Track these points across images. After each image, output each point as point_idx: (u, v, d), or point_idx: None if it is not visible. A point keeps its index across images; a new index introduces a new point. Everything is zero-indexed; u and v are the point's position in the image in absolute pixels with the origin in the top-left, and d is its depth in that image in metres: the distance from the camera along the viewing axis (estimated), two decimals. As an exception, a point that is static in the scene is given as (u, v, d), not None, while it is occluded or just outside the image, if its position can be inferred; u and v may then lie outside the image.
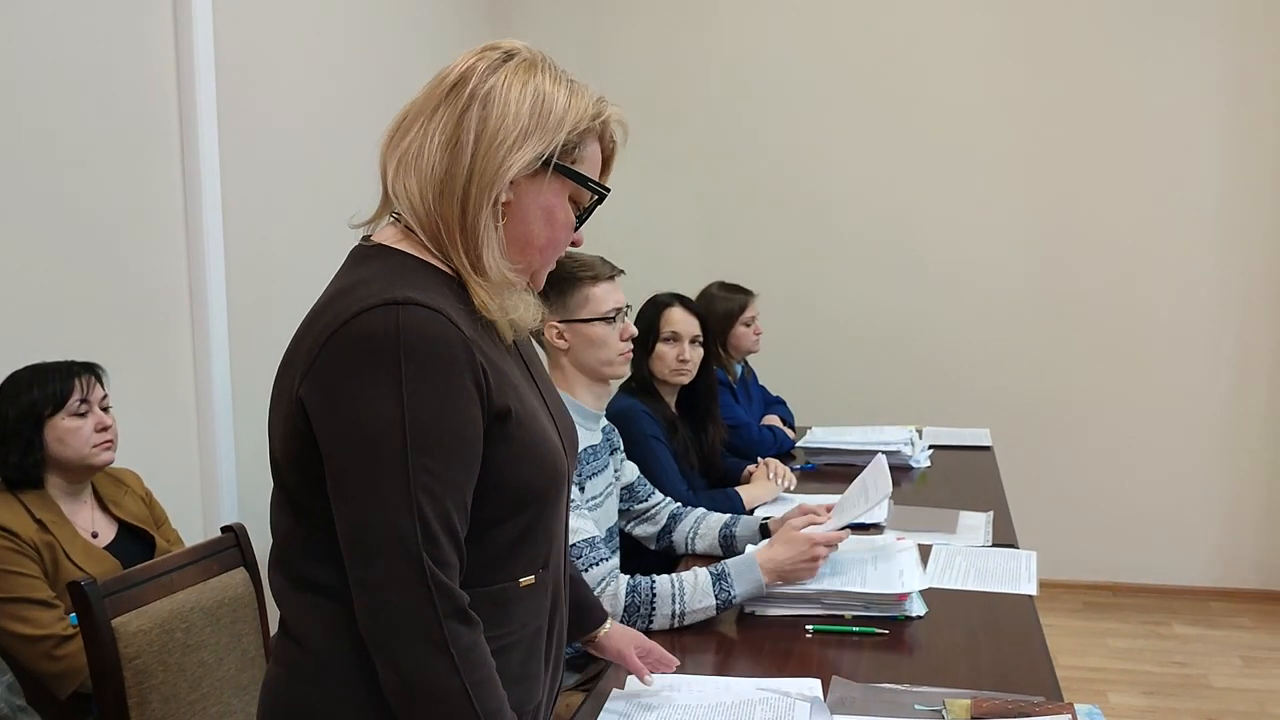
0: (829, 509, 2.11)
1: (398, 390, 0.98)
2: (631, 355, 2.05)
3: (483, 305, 1.07)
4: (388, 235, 1.12)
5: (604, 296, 1.99)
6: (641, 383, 2.66)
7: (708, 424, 2.84)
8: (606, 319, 1.98)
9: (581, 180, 1.13)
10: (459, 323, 1.02)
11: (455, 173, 1.06)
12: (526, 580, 1.13)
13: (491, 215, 1.07)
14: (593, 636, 1.53)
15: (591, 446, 2.02)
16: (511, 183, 1.08)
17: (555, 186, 1.11)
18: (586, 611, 1.52)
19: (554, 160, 1.09)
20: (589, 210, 1.16)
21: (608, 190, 1.16)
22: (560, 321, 1.98)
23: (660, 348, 2.67)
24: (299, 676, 1.10)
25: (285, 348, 3.20)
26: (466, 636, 1.01)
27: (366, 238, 1.15)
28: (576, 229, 1.16)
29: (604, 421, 2.13)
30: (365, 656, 1.03)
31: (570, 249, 1.19)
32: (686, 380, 2.72)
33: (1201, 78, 4.04)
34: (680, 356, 2.66)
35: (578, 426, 1.98)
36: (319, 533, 1.05)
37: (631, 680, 1.56)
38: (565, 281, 1.97)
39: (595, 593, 1.74)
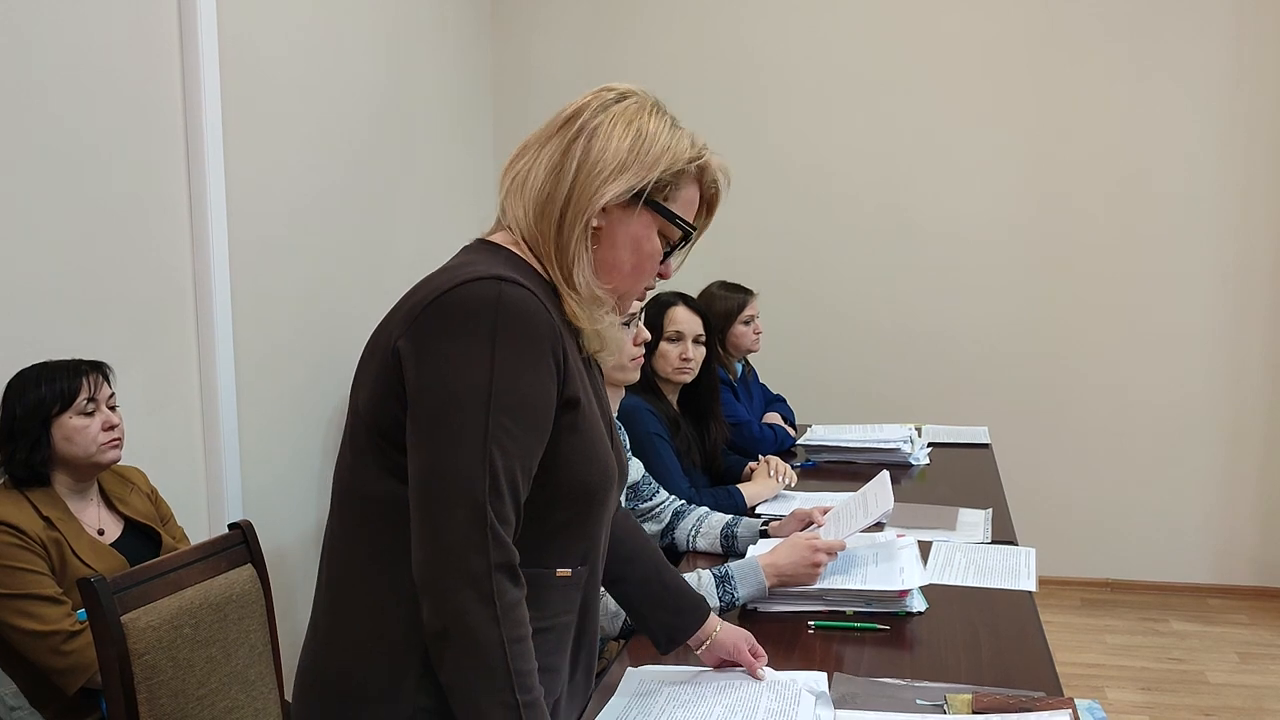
0: (825, 511, 2.13)
1: (489, 352, 1.06)
2: (643, 360, 2.07)
3: (572, 314, 1.17)
4: (500, 237, 1.22)
5: None
6: (644, 381, 2.67)
7: (710, 422, 2.85)
8: (621, 325, 1.99)
9: (670, 216, 1.21)
10: (550, 310, 1.12)
11: (555, 195, 1.17)
12: (563, 571, 1.17)
13: (584, 237, 1.17)
14: (704, 639, 1.51)
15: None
16: (605, 210, 1.18)
17: (645, 219, 1.20)
18: (686, 614, 1.51)
19: (645, 194, 1.18)
20: (677, 246, 1.25)
21: (694, 228, 1.24)
22: None
23: (663, 346, 2.68)
24: (338, 649, 1.14)
25: (289, 346, 3.23)
26: (512, 593, 1.05)
27: (479, 239, 1.24)
28: (664, 262, 1.24)
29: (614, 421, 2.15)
30: (414, 624, 1.07)
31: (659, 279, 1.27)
32: (689, 379, 2.74)
33: (1198, 70, 4.05)
34: (683, 355, 2.68)
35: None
36: (393, 492, 1.09)
37: (642, 669, 1.58)
38: None
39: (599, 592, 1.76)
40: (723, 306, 3.32)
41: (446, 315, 1.08)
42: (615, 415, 2.12)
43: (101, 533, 2.07)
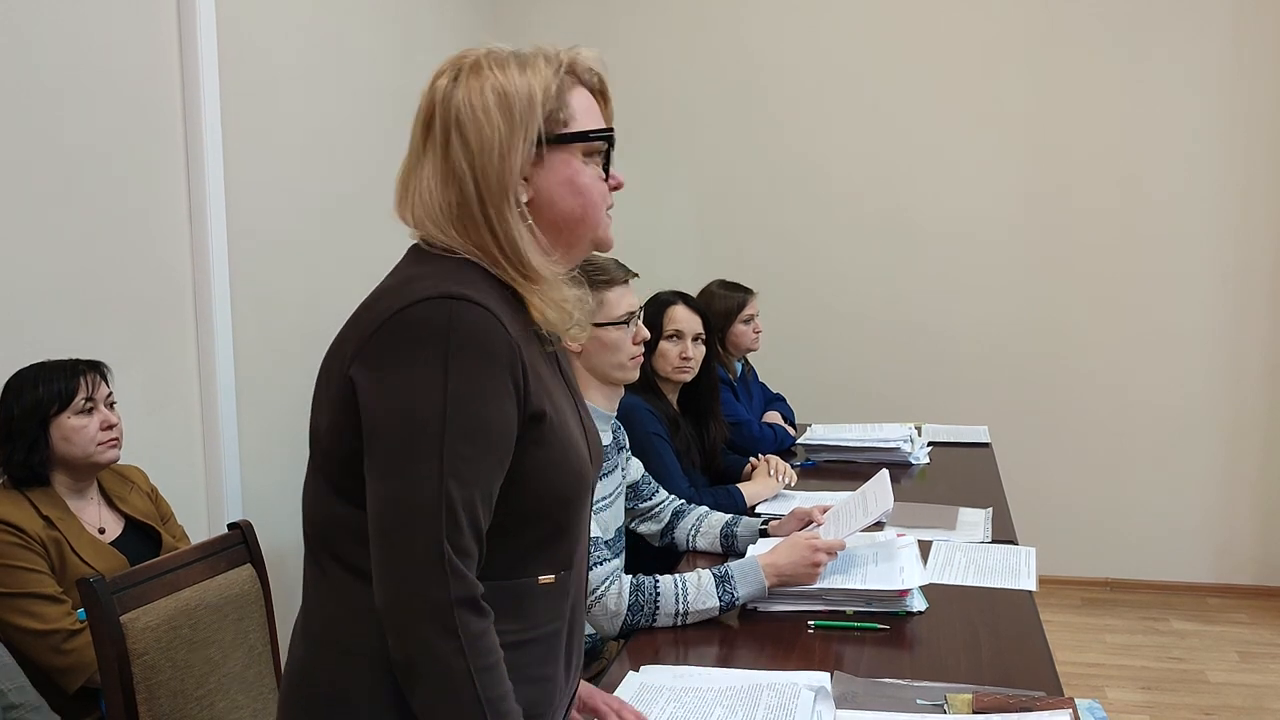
0: (824, 510, 2.13)
1: (443, 378, 1.02)
2: (642, 358, 2.06)
3: (541, 316, 1.11)
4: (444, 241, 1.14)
5: (618, 300, 2.00)
6: (644, 380, 2.66)
7: (709, 421, 2.85)
8: (620, 323, 1.99)
9: (582, 137, 1.13)
10: (507, 324, 1.06)
11: (466, 201, 1.10)
12: (546, 579, 1.14)
13: (520, 221, 1.10)
14: None
15: (603, 447, 2.03)
16: (525, 180, 1.11)
17: (563, 157, 1.13)
18: None
19: (546, 138, 1.10)
20: (609, 153, 1.17)
21: (611, 130, 1.16)
22: None
23: (663, 345, 2.68)
24: (326, 656, 1.12)
25: (289, 345, 3.22)
26: (476, 624, 1.03)
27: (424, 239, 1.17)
28: (608, 177, 1.17)
29: (613, 421, 2.14)
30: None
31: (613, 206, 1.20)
32: (689, 378, 2.73)
33: (1198, 67, 4.05)
34: (683, 354, 2.68)
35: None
36: (355, 516, 1.07)
37: (643, 670, 1.58)
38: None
39: (597, 593, 1.77)
40: (722, 305, 3.32)
41: (397, 340, 1.04)
42: (614, 415, 2.12)
43: (102, 531, 2.07)
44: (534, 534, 1.13)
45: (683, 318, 2.70)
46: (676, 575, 1.82)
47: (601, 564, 1.79)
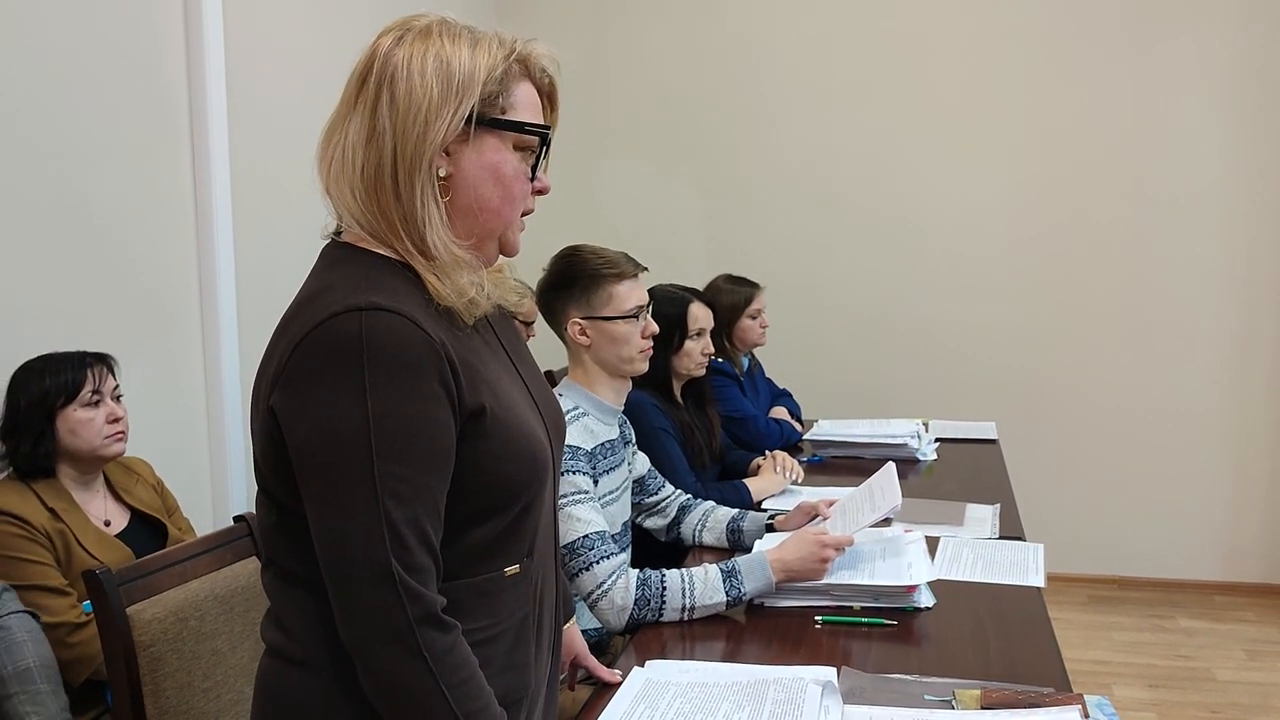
0: (830, 504, 2.12)
1: (362, 397, 0.99)
2: (651, 351, 2.06)
3: (436, 292, 1.06)
4: (352, 235, 1.11)
5: (627, 294, 2.00)
6: (655, 378, 2.63)
7: (706, 408, 2.84)
8: (629, 317, 1.99)
9: (516, 126, 1.09)
10: (424, 325, 1.02)
11: (381, 163, 1.05)
12: (512, 570, 1.12)
13: (430, 193, 1.06)
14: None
15: (609, 441, 2.03)
16: (447, 153, 1.07)
17: (493, 142, 1.09)
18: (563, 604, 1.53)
19: (478, 116, 1.07)
20: (540, 153, 1.13)
21: (547, 128, 1.12)
22: (583, 318, 1.99)
23: (688, 344, 2.67)
24: (289, 665, 1.11)
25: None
26: (441, 641, 1.01)
27: (337, 233, 1.14)
28: (534, 178, 1.13)
29: (620, 415, 2.13)
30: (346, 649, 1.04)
31: (538, 207, 1.15)
32: (703, 372, 2.73)
33: (1205, 65, 4.03)
34: (705, 350, 2.68)
35: (598, 422, 2.00)
36: (300, 530, 1.05)
37: (649, 664, 1.58)
38: (589, 279, 1.98)
39: (604, 587, 1.76)
40: (729, 300, 3.30)
41: (310, 364, 1.00)
42: (621, 409, 2.11)
43: (108, 524, 2.07)
44: (494, 528, 1.10)
45: (704, 315, 2.70)
46: (683, 570, 1.82)
47: (608, 558, 1.79)
